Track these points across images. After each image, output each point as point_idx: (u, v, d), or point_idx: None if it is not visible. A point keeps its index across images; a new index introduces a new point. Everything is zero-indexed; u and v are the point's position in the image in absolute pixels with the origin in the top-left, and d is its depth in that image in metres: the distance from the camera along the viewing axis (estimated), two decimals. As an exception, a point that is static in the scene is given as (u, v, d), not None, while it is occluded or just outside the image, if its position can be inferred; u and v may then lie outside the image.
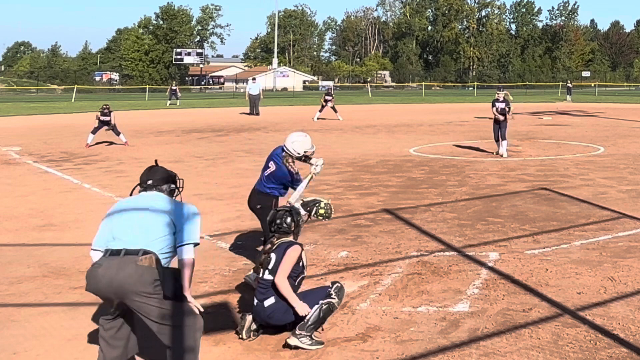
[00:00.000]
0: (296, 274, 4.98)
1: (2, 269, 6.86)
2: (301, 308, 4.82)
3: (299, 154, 6.47)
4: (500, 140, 15.84)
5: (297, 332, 4.80)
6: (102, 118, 18.34)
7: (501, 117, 15.85)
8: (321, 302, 4.87)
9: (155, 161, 4.67)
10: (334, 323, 5.34)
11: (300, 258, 4.98)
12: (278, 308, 4.88)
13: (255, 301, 5.00)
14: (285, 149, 6.50)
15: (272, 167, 6.52)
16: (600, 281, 6.34)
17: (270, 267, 4.95)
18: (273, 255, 4.99)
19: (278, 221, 5.15)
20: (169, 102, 44.87)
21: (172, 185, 4.44)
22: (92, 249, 4.17)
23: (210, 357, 4.79)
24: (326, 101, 29.18)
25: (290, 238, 5.14)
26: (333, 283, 5.11)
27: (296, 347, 4.79)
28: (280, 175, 6.45)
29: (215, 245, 7.82)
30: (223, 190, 11.32)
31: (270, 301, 4.90)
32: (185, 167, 14.38)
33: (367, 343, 4.96)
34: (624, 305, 5.70)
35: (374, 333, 5.13)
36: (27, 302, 5.91)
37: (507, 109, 16.11)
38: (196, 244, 4.16)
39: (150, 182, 4.34)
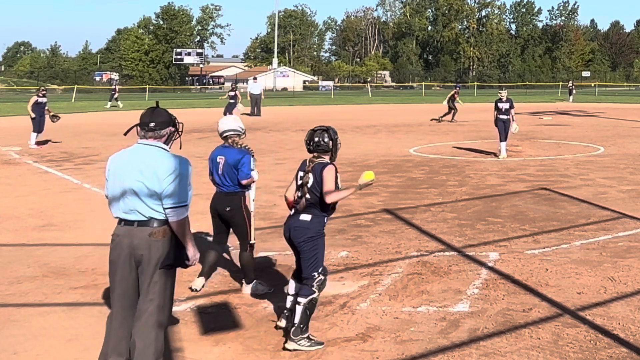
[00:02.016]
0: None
1: (2, 269, 6.86)
2: (343, 193, 4.98)
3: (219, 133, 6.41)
4: (500, 141, 15.68)
5: (294, 337, 4.78)
6: (40, 100, 18.50)
7: (503, 116, 15.76)
8: (303, 300, 4.83)
9: (157, 102, 4.62)
10: (334, 323, 5.34)
11: (337, 176, 4.97)
12: (308, 227, 4.92)
13: (292, 212, 5.04)
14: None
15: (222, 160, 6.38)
16: (600, 281, 6.34)
17: (309, 185, 4.96)
18: (311, 176, 4.98)
19: (316, 139, 5.10)
20: (109, 104, 40.56)
21: (172, 129, 4.44)
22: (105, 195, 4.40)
23: (210, 357, 4.79)
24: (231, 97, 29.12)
25: (327, 158, 5.10)
26: (321, 272, 5.04)
27: (295, 350, 4.79)
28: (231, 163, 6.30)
29: (215, 245, 7.80)
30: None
31: (306, 217, 4.94)
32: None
33: (367, 343, 4.96)
34: (624, 305, 5.70)
35: (374, 333, 5.13)
36: (27, 302, 5.91)
37: (510, 110, 15.91)
38: (185, 205, 4.17)
39: (152, 124, 4.32)
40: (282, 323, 5.08)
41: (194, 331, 5.24)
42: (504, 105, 15.87)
